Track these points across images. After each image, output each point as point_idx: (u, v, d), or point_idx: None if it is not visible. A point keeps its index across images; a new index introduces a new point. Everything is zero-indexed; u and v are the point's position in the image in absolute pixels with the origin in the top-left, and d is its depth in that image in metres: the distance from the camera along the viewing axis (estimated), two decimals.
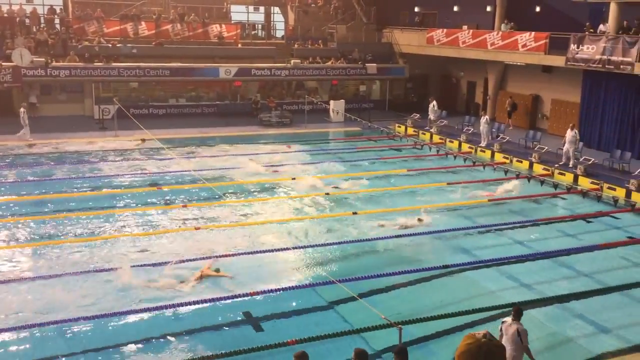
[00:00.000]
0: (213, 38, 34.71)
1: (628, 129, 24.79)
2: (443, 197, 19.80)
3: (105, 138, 26.66)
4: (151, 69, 31.11)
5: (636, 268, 14.70)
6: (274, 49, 35.58)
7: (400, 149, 27.03)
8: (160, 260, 13.90)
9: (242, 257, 14.29)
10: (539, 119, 30.90)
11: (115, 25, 33.22)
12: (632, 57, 22.56)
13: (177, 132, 28.14)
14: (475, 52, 30.87)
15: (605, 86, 25.62)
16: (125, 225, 16.45)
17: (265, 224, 16.86)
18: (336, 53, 35.87)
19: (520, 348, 9.03)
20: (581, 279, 13.95)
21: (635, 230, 17.31)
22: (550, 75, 28.92)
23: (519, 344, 8.99)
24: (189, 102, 33.30)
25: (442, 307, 12.05)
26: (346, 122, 31.60)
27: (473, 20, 33.59)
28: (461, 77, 36.41)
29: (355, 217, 17.39)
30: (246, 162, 23.12)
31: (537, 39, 27.15)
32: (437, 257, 14.75)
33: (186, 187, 19.95)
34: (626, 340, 11.26)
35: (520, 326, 9.04)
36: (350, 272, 13.60)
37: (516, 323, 9.10)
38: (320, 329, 11.04)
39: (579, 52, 24.71)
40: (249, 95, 34.34)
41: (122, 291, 12.47)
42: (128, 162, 23.09)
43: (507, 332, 9.07)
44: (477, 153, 25.85)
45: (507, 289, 13.29)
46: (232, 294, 12.36)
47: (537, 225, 17.48)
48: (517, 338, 8.97)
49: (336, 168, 23.39)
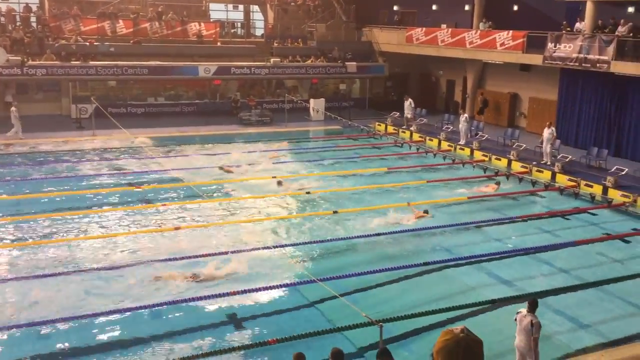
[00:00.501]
0: (192, 36, 34.49)
1: (604, 126, 25.11)
2: (423, 194, 19.89)
3: (83, 137, 26.40)
4: (129, 68, 30.82)
5: (613, 264, 14.89)
6: (253, 48, 35.46)
7: (381, 147, 27.10)
8: (141, 260, 13.80)
9: (222, 256, 14.21)
10: (517, 117, 31.21)
11: (93, 23, 32.85)
12: (608, 55, 22.85)
13: (156, 131, 27.92)
14: (454, 51, 31.05)
15: (582, 84, 25.92)
16: (104, 226, 16.28)
17: (245, 223, 16.80)
18: (316, 51, 35.86)
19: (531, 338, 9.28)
20: (559, 275, 14.10)
21: (612, 226, 17.54)
22: (528, 73, 29.19)
23: (530, 335, 9.24)
24: (168, 101, 33.07)
25: (423, 304, 12.10)
26: (326, 121, 31.59)
27: (452, 19, 33.78)
28: (440, 76, 36.61)
29: (335, 215, 17.39)
30: (227, 161, 23.06)
31: (514, 37, 27.39)
32: (417, 254, 14.82)
33: (165, 187, 19.80)
34: (603, 335, 11.40)
35: (534, 318, 9.27)
36: (331, 270, 13.60)
37: (530, 315, 9.32)
38: (301, 328, 11.03)
39: (556, 50, 24.97)
40: (229, 94, 34.19)
41: (104, 292, 12.35)
42: (106, 161, 22.87)
43: (521, 322, 9.34)
44: (456, 151, 26.02)
45: (486, 285, 13.40)
46: (213, 293, 12.28)
47: (515, 222, 17.62)
48: (530, 329, 9.22)
49: (316, 166, 23.40)
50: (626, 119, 24.34)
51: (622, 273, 14.13)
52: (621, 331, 11.47)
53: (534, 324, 9.22)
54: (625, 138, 24.48)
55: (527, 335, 9.25)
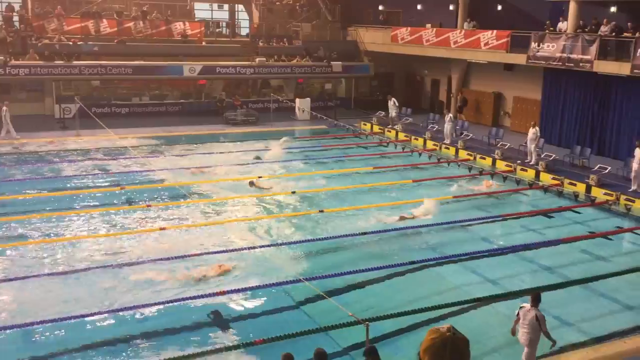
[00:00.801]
0: (176, 36, 34.33)
1: (587, 125, 25.34)
2: (409, 193, 19.96)
3: (67, 137, 26.20)
4: (113, 67, 30.61)
5: (596, 261, 15.03)
6: (238, 47, 35.36)
7: (366, 147, 27.15)
8: (127, 261, 13.72)
9: (207, 256, 14.17)
10: (501, 116, 31.41)
11: (76, 22, 32.60)
12: (591, 55, 23.06)
13: (141, 131, 27.78)
14: (438, 51, 31.18)
15: (565, 84, 26.14)
16: (88, 227, 16.16)
17: (231, 223, 16.77)
18: (301, 51, 35.83)
19: (538, 332, 9.45)
20: (544, 273, 14.20)
21: (596, 224, 17.71)
22: (512, 73, 29.39)
23: (536, 329, 9.41)
24: (153, 101, 32.90)
25: (409, 302, 12.12)
26: (312, 120, 31.60)
27: (436, 19, 33.92)
28: (425, 75, 36.75)
29: (321, 215, 17.40)
30: (213, 161, 22.99)
31: (498, 37, 27.56)
32: (404, 253, 14.85)
33: (149, 187, 19.70)
34: (588, 333, 11.49)
35: (538, 312, 9.43)
36: (317, 270, 13.61)
37: (535, 309, 9.47)
38: (287, 328, 11.02)
39: (540, 50, 25.16)
40: (214, 93, 34.08)
41: (88, 293, 12.25)
42: (90, 162, 22.70)
43: (525, 317, 9.47)
44: (441, 150, 26.13)
45: (472, 283, 13.46)
46: (198, 293, 12.24)
47: (500, 221, 17.73)
48: (536, 323, 9.38)
49: (302, 166, 23.40)
50: (609, 118, 24.58)
51: (606, 270, 14.26)
52: (606, 328, 11.57)
53: (539, 317, 9.39)
54: (607, 137, 24.72)
55: (532, 328, 9.40)
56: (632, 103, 23.52)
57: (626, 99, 23.74)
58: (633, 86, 23.13)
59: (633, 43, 21.66)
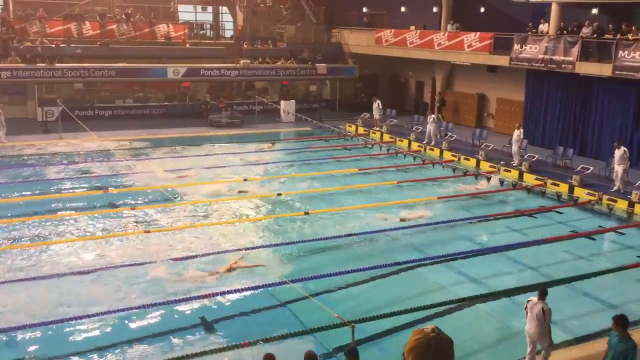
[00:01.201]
0: (160, 38, 34.17)
1: (570, 126, 25.58)
2: (394, 195, 20.02)
3: (50, 140, 25.98)
4: (96, 70, 30.42)
5: (579, 261, 15.18)
6: (222, 49, 35.28)
7: (351, 148, 27.20)
8: (109, 264, 13.63)
9: (195, 259, 14.11)
10: (485, 117, 31.62)
11: (59, 25, 32.33)
12: (573, 56, 23.30)
13: (125, 133, 27.63)
14: (422, 52, 31.32)
15: (547, 85, 26.37)
16: (71, 230, 16.03)
17: (216, 225, 16.72)
18: (286, 53, 35.83)
19: (544, 325, 9.66)
20: (528, 273, 14.31)
21: (578, 224, 17.88)
22: (496, 74, 29.60)
23: (542, 321, 9.64)
24: (136, 103, 32.71)
25: (395, 303, 12.15)
26: (297, 122, 31.61)
27: (420, 20, 34.07)
28: (410, 77, 36.90)
29: (307, 216, 17.41)
30: (199, 163, 22.94)
31: (482, 39, 27.75)
32: (389, 254, 14.89)
33: (133, 190, 19.57)
34: (571, 331, 11.59)
35: (545, 305, 9.64)
36: (302, 271, 13.60)
37: (541, 302, 9.68)
38: (273, 330, 11.01)
39: (522, 52, 25.36)
40: (198, 95, 33.97)
41: (74, 296, 12.16)
42: (73, 165, 22.52)
43: (532, 310, 9.71)
44: (426, 151, 26.25)
45: (457, 284, 13.54)
46: (184, 296, 12.19)
47: (484, 221, 17.84)
48: (542, 316, 9.60)
49: (287, 168, 23.40)
50: (590, 119, 24.83)
51: (588, 270, 14.40)
52: (589, 327, 11.68)
53: (545, 310, 9.60)
54: (589, 137, 24.97)
55: (539, 322, 9.62)
56: (614, 104, 23.79)
57: (607, 99, 24.00)
58: (614, 87, 23.40)
59: (614, 44, 21.92)
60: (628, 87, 22.88)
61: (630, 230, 17.40)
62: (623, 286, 13.75)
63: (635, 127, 23.03)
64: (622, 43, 21.74)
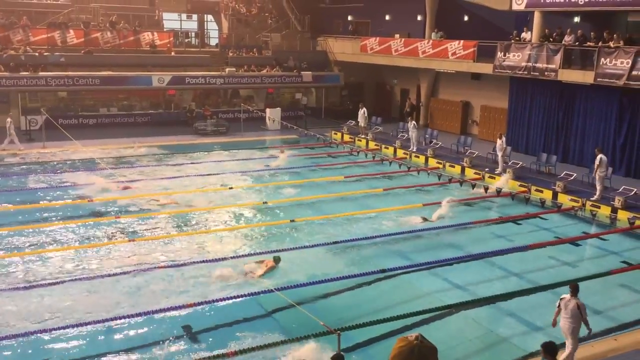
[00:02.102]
0: (145, 46, 34.09)
1: (553, 133, 25.81)
2: (379, 202, 20.06)
3: (33, 149, 25.79)
4: (80, 78, 30.29)
5: (564, 267, 15.27)
6: (208, 57, 35.30)
7: (337, 156, 27.24)
8: (92, 274, 13.53)
9: (177, 268, 14.03)
10: (469, 124, 31.83)
11: (42, 33, 32.17)
12: (555, 64, 23.56)
13: (109, 142, 27.48)
14: (407, 60, 31.51)
15: (531, 92, 26.62)
16: (54, 240, 15.89)
17: (202, 234, 16.65)
18: (271, 61, 35.88)
19: (579, 320, 10.03)
20: (513, 279, 14.39)
21: (562, 230, 18.01)
22: (479, 82, 29.83)
23: (578, 317, 9.99)
24: (121, 112, 32.59)
25: (381, 311, 12.15)
26: (282, 130, 31.63)
27: (405, 29, 34.29)
28: (395, 85, 37.08)
29: (292, 224, 17.39)
30: (183, 171, 22.86)
31: (465, 47, 27.97)
32: (375, 261, 14.90)
33: (117, 198, 19.41)
34: (556, 337, 11.57)
35: (579, 301, 10.02)
36: (288, 279, 13.57)
37: (575, 298, 10.05)
38: (259, 339, 10.97)
39: (506, 59, 25.60)
40: (184, 103, 33.90)
41: (55, 306, 12.05)
42: (56, 174, 22.33)
43: (566, 306, 10.08)
44: (411, 159, 26.35)
45: (442, 290, 13.56)
46: (168, 305, 12.11)
47: (469, 228, 17.92)
48: (577, 311, 9.96)
49: (273, 176, 23.37)
50: (573, 126, 25.07)
51: (573, 275, 14.46)
52: None
53: (580, 305, 9.96)
54: (572, 144, 25.20)
55: (574, 317, 9.97)
56: (596, 111, 24.04)
57: (590, 106, 24.26)
58: (597, 94, 23.67)
59: (596, 52, 22.19)
60: (610, 94, 23.16)
61: (614, 236, 17.57)
62: (608, 291, 13.86)
63: (617, 134, 23.30)
64: (603, 51, 22.02)
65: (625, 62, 21.23)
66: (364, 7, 37.35)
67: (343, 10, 39.53)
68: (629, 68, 21.10)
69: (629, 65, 21.10)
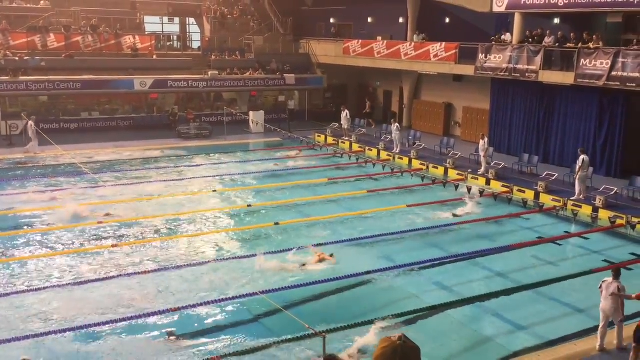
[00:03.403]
0: (126, 49, 33.87)
1: (534, 133, 26.02)
2: (363, 203, 20.09)
3: (14, 155, 25.54)
4: (61, 82, 30.04)
5: (547, 266, 15.40)
6: (190, 60, 35.18)
7: (321, 158, 27.24)
8: (76, 279, 13.42)
9: (162, 272, 13.96)
10: (452, 126, 32.00)
11: (22, 37, 31.83)
12: (536, 65, 23.76)
13: (91, 146, 27.28)
14: (390, 62, 31.63)
15: (512, 93, 26.83)
16: (36, 246, 15.74)
17: (185, 238, 16.58)
18: (254, 64, 35.82)
19: (618, 301, 10.60)
20: (496, 279, 14.48)
21: (545, 230, 18.17)
22: (461, 83, 30.01)
23: (617, 298, 10.57)
24: (103, 116, 32.32)
25: (366, 313, 12.17)
26: (266, 133, 31.60)
27: (387, 31, 34.41)
28: (378, 87, 37.19)
29: (277, 227, 17.38)
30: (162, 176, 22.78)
31: (447, 49, 28.13)
32: (359, 264, 14.90)
33: (101, 203, 19.27)
34: (540, 336, 11.74)
35: (620, 283, 10.64)
36: (273, 283, 13.54)
37: (616, 281, 10.66)
38: (245, 343, 10.94)
39: (487, 61, 25.78)
40: (166, 107, 33.72)
41: (39, 311, 11.93)
42: (38, 179, 22.12)
43: (608, 289, 10.66)
44: (395, 160, 26.44)
45: (427, 291, 13.62)
46: (153, 310, 12.03)
47: (452, 229, 18.00)
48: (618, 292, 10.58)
49: (256, 179, 23.32)
50: (554, 126, 25.28)
51: (556, 274, 14.62)
52: (557, 331, 11.83)
53: (621, 288, 10.58)
54: (552, 144, 25.41)
55: (614, 299, 10.54)
56: (577, 111, 24.28)
57: (570, 107, 24.49)
58: (577, 94, 23.91)
59: (576, 53, 22.42)
60: (590, 95, 23.40)
61: (595, 235, 17.75)
62: (590, 290, 13.94)
63: (598, 134, 23.54)
64: (583, 52, 22.26)
65: (605, 63, 21.47)
66: (347, 9, 37.43)
67: (325, 13, 39.57)
68: (608, 69, 21.34)
69: (608, 65, 21.33)
